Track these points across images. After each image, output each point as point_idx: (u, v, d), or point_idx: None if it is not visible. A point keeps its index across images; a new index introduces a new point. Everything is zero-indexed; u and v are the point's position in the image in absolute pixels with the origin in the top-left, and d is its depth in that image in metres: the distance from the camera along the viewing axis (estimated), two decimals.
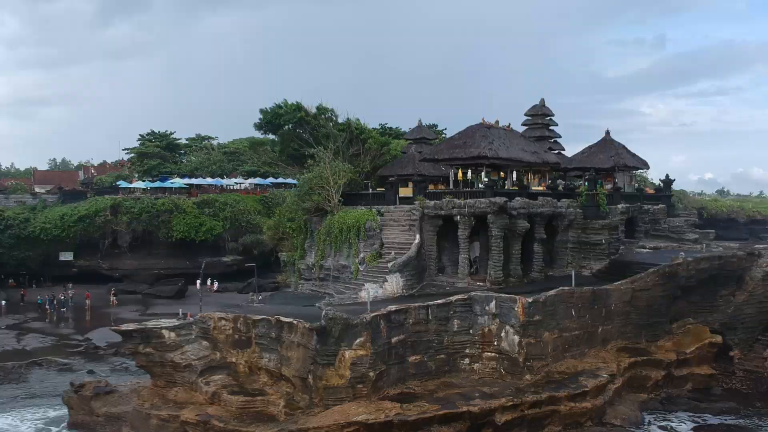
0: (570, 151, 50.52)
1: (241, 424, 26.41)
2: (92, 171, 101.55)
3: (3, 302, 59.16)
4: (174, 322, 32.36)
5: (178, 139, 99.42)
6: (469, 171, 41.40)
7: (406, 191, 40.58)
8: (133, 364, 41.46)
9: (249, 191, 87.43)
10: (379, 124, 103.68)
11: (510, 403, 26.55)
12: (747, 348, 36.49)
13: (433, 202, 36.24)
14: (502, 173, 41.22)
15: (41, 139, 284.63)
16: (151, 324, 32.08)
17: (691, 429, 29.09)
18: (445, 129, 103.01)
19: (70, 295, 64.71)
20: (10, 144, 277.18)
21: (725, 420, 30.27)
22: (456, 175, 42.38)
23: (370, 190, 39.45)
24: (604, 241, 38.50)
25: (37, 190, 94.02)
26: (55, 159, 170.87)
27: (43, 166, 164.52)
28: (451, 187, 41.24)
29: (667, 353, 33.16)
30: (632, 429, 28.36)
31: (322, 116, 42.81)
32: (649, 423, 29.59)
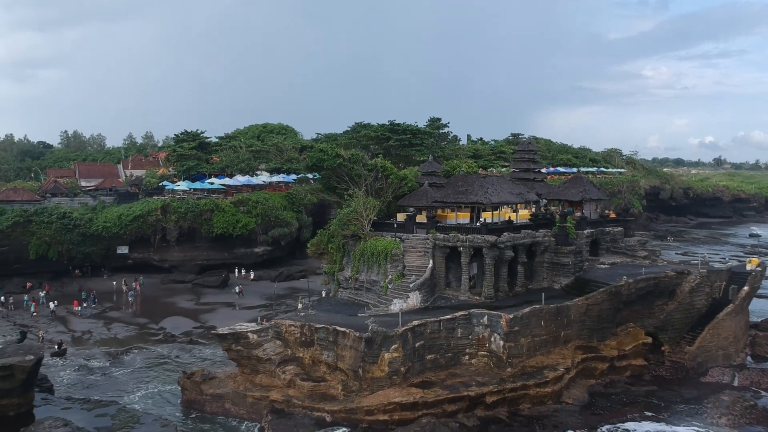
0: (571, 115, 62.33)
1: (313, 402, 38.91)
2: (130, 167, 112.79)
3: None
4: (255, 326, 44.48)
5: (209, 138, 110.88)
6: None
7: (421, 218, 52.71)
8: (209, 352, 54.17)
9: (274, 187, 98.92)
10: (389, 121, 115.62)
11: (496, 389, 39.09)
12: (675, 344, 49.03)
13: (442, 236, 48.26)
14: None
15: (44, 105, 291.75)
16: (238, 328, 44.28)
17: (619, 405, 41.51)
18: (449, 123, 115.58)
19: (134, 286, 76.80)
20: (13, 107, 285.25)
21: (647, 399, 42.79)
22: None
23: (395, 223, 51.35)
24: (570, 262, 50.72)
25: (83, 184, 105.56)
26: (66, 131, 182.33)
27: (54, 139, 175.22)
28: (456, 212, 53.27)
29: (611, 350, 45.61)
30: (579, 405, 40.87)
31: (355, 160, 54.61)
32: (591, 402, 41.94)
